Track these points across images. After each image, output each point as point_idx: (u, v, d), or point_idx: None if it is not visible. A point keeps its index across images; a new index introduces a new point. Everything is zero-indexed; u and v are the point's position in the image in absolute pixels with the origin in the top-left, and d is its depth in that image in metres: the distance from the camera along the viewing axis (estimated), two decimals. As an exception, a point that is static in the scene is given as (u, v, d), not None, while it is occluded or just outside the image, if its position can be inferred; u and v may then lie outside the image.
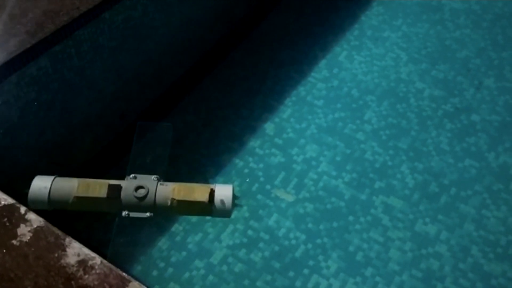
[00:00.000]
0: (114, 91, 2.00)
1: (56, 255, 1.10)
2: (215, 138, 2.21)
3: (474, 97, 2.32)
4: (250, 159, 2.14)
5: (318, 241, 1.91)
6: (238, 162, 2.13)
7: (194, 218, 1.96)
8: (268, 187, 2.06)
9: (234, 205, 1.41)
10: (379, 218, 1.97)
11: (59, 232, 1.13)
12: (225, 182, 2.05)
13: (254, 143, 2.19)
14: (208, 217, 1.96)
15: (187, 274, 1.82)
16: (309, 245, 1.90)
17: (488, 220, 1.94)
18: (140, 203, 1.35)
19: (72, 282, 1.05)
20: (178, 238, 1.91)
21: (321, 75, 2.43)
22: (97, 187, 1.34)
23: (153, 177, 1.42)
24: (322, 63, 2.46)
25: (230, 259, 1.86)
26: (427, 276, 1.81)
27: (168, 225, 1.93)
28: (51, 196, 1.31)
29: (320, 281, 1.80)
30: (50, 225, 1.14)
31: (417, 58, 2.50)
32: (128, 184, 1.37)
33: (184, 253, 1.87)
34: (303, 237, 1.92)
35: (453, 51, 2.53)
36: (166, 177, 1.47)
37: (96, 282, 1.05)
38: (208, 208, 1.39)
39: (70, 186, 1.33)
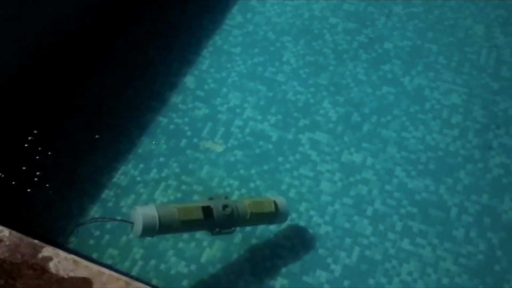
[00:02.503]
0: (18, 64, 1.89)
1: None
2: (136, 99, 2.16)
3: (385, 25, 2.37)
4: (174, 115, 2.12)
5: (251, 185, 1.94)
6: (162, 119, 2.10)
7: (124, 182, 1.94)
8: (195, 140, 2.05)
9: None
10: (307, 155, 2.02)
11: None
12: (150, 142, 2.04)
13: (176, 98, 2.16)
14: (139, 179, 1.95)
15: (124, 238, 1.81)
16: (243, 190, 1.93)
17: (408, 141, 2.03)
18: (228, 220, 1.58)
19: (-13, 259, 1.02)
20: (110, 204, 1.89)
21: (235, 21, 2.40)
22: (193, 211, 1.53)
23: (223, 195, 1.70)
24: (235, 9, 2.42)
25: (166, 216, 1.87)
26: (358, 202, 1.89)
27: (98, 193, 1.90)
28: (161, 223, 1.44)
29: (257, 223, 1.85)
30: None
31: (328, -7, 2.51)
32: (215, 205, 1.58)
33: (118, 218, 1.86)
34: (236, 183, 1.95)
35: (362, -18, 2.56)
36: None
37: (6, 254, 1.02)
38: (274, 216, 1.70)
39: (172, 212, 1.48)
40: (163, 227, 1.45)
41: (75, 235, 1.75)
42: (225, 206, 1.58)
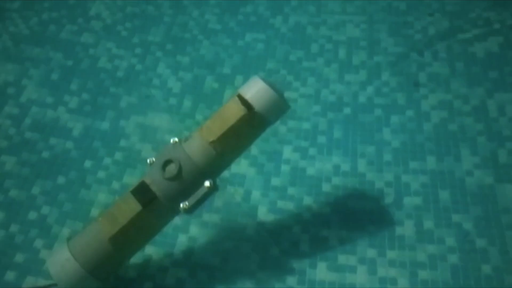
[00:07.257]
0: None
1: None
2: None
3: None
4: None
5: None
6: None
7: None
8: None
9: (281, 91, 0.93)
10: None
11: None
12: None
13: None
14: None
15: None
16: None
17: (295, 102, 1.30)
18: (181, 183, 0.88)
19: None
20: None
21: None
22: (123, 206, 0.88)
23: (172, 140, 0.94)
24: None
25: None
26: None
27: None
28: (83, 266, 0.86)
29: None
30: None
31: None
32: (151, 172, 0.90)
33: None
34: None
35: None
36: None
37: None
38: (256, 117, 0.90)
39: (93, 233, 0.88)
40: (97, 269, 0.88)
41: None
42: (166, 164, 0.89)
